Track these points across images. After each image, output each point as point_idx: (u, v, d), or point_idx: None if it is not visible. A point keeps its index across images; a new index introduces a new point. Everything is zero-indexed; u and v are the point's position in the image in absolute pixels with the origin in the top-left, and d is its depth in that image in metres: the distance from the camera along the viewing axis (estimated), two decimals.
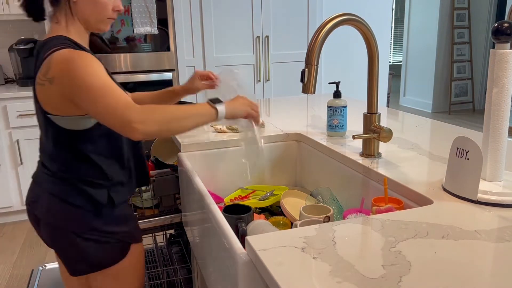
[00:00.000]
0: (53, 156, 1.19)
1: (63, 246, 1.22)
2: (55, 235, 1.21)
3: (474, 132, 1.46)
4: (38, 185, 1.24)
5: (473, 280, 0.64)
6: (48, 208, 1.20)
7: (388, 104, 4.77)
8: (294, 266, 0.69)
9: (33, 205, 1.24)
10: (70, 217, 1.18)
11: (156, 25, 3.00)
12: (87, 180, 1.19)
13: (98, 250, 1.21)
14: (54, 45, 1.11)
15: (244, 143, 1.33)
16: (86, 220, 1.19)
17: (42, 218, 1.21)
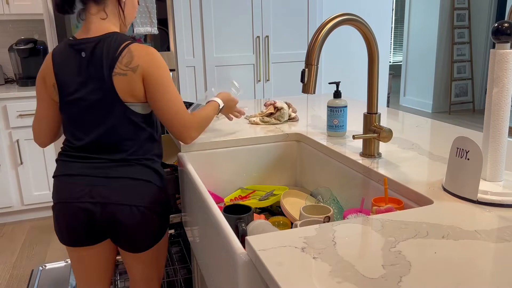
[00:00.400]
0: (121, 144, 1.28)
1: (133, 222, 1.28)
2: (125, 213, 1.26)
3: (474, 132, 1.46)
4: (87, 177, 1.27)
5: (473, 280, 0.64)
6: (115, 189, 1.26)
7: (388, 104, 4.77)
8: (294, 266, 0.69)
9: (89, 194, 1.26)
10: (142, 192, 1.29)
11: (156, 25, 3.00)
12: (153, 158, 1.34)
13: (161, 221, 1.35)
14: (123, 39, 1.24)
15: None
16: (155, 194, 1.32)
17: (107, 201, 1.25)
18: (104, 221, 1.28)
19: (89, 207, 1.26)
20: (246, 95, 3.41)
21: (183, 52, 3.18)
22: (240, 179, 1.55)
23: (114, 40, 1.23)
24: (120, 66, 1.21)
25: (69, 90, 1.26)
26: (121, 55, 1.21)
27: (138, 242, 1.32)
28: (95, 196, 1.26)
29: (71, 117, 1.29)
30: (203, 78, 3.26)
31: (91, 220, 1.28)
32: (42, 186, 3.12)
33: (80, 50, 1.24)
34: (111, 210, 1.26)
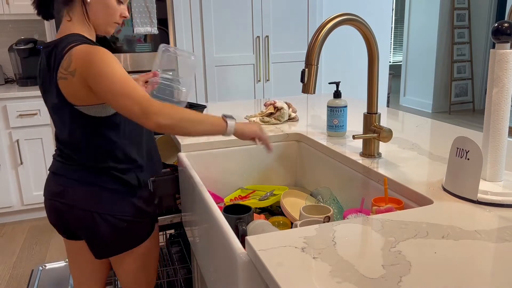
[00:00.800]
0: (81, 147, 1.25)
1: (97, 229, 1.27)
2: (89, 219, 1.26)
3: (474, 132, 1.46)
4: (62, 176, 1.29)
5: (473, 280, 0.64)
6: (80, 194, 1.26)
7: (388, 104, 4.77)
8: (294, 266, 0.69)
9: (60, 195, 1.28)
10: (105, 199, 1.26)
11: (156, 25, 2.99)
12: (115, 165, 1.27)
13: (131, 230, 1.30)
14: (72, 41, 1.19)
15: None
16: (120, 202, 1.28)
17: (74, 204, 1.26)
18: (70, 223, 1.29)
19: (59, 206, 1.28)
20: (246, 95, 3.41)
21: None
22: (240, 179, 1.55)
23: (65, 43, 1.19)
24: (61, 70, 1.17)
25: (43, 93, 1.29)
26: (63, 59, 1.17)
27: (101, 248, 1.30)
28: (65, 197, 1.27)
29: (51, 117, 1.32)
30: (203, 78, 3.26)
31: (62, 218, 1.30)
32: (42, 186, 3.12)
33: (45, 53, 1.24)
34: (77, 214, 1.26)
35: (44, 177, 3.11)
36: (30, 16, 3.11)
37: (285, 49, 3.43)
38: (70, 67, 1.16)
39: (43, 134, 3.04)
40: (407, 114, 1.81)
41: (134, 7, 2.93)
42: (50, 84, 1.22)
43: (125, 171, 1.29)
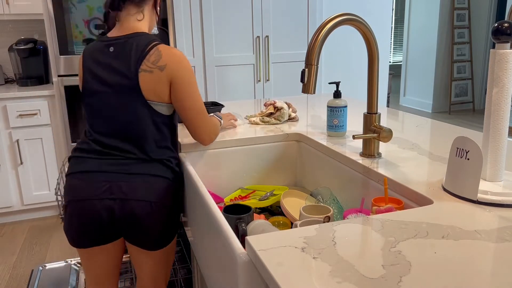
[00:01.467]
0: (134, 138, 1.29)
1: (155, 218, 1.28)
2: (147, 209, 1.27)
3: (474, 132, 1.46)
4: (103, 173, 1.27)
5: (473, 280, 0.64)
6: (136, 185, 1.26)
7: (388, 104, 4.77)
8: (294, 266, 0.69)
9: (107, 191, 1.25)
10: (161, 189, 1.30)
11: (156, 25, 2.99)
12: (171, 158, 1.34)
13: (176, 221, 1.38)
14: (153, 39, 1.29)
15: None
16: (170, 191, 1.33)
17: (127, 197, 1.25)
18: (122, 218, 1.27)
19: (108, 203, 1.25)
20: (246, 95, 3.41)
21: (183, 52, 3.17)
22: (240, 179, 1.55)
23: (144, 38, 1.27)
24: (147, 63, 1.24)
25: (94, 83, 1.29)
26: (149, 53, 1.25)
27: (154, 240, 1.32)
28: (115, 192, 1.25)
29: (92, 108, 1.31)
30: (203, 78, 3.26)
31: (110, 217, 1.27)
32: (42, 186, 3.12)
33: (109, 45, 1.29)
34: (131, 206, 1.25)
35: (44, 177, 3.11)
36: (30, 16, 3.11)
37: (285, 49, 3.43)
38: (159, 62, 1.24)
39: (43, 134, 3.04)
40: (407, 114, 1.81)
41: None
42: (119, 74, 1.25)
43: (173, 161, 1.35)
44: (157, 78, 1.24)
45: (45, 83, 3.28)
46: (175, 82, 1.26)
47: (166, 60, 1.25)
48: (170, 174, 1.33)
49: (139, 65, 1.23)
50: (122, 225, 1.29)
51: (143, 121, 1.27)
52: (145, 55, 1.24)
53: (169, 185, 1.31)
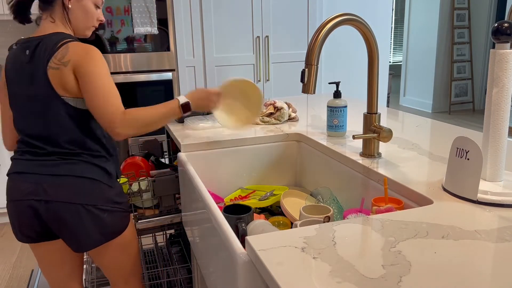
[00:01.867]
0: (58, 138, 1.28)
1: (81, 221, 1.28)
2: (72, 212, 1.27)
3: (474, 132, 1.46)
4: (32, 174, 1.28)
5: (473, 280, 0.64)
6: (59, 188, 1.26)
7: (388, 104, 4.77)
8: (294, 266, 0.69)
9: (34, 193, 1.26)
10: (86, 190, 1.28)
11: (156, 25, 2.99)
12: (97, 155, 1.32)
13: (112, 220, 1.33)
14: (66, 37, 1.27)
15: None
16: (102, 192, 1.30)
17: (52, 199, 1.25)
18: (49, 219, 1.28)
19: (33, 204, 1.27)
20: None
21: (183, 52, 3.18)
22: (240, 179, 1.55)
23: (55, 38, 1.27)
24: (54, 61, 1.24)
25: (14, 86, 1.31)
26: (58, 51, 1.24)
27: (83, 240, 1.31)
28: (40, 194, 1.26)
29: (17, 111, 1.32)
30: (203, 78, 3.26)
31: (37, 218, 1.29)
32: None
33: (25, 48, 1.29)
34: (55, 208, 1.26)
35: None
36: None
37: (285, 49, 3.43)
38: (64, 58, 1.23)
39: None
40: (407, 114, 1.81)
41: (134, 7, 2.93)
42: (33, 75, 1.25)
43: (103, 161, 1.33)
44: (63, 73, 1.23)
45: None
46: (77, 75, 1.24)
47: (71, 56, 1.23)
48: (96, 174, 1.31)
49: (47, 63, 1.24)
50: (50, 226, 1.30)
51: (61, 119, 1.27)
52: (53, 53, 1.24)
53: (95, 186, 1.30)
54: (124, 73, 3.03)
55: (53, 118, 1.27)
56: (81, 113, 1.29)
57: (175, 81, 3.17)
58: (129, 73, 3.04)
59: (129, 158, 1.76)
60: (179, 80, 3.19)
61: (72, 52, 1.24)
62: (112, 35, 2.96)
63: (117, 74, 2.99)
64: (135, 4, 2.92)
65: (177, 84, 3.19)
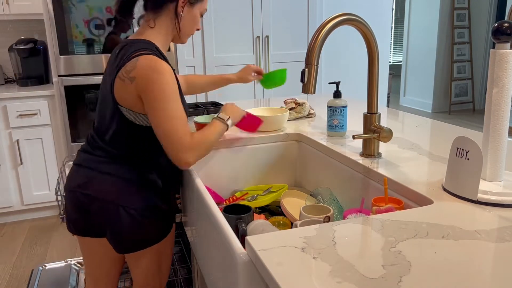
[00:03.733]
0: (116, 140, 1.28)
1: (121, 223, 1.27)
2: (113, 212, 1.26)
3: (474, 132, 1.46)
4: (87, 168, 1.29)
5: (473, 280, 0.64)
6: (106, 185, 1.27)
7: (388, 104, 4.76)
8: (294, 266, 0.69)
9: (83, 186, 1.28)
10: (130, 193, 1.27)
11: None
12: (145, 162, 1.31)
13: (154, 226, 1.32)
14: (143, 48, 1.23)
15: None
16: (148, 198, 1.30)
17: (98, 195, 1.26)
18: (94, 216, 1.29)
19: (80, 198, 1.28)
20: (246, 95, 3.41)
21: (183, 52, 3.18)
22: (240, 179, 1.55)
23: (136, 46, 1.24)
24: (123, 71, 1.22)
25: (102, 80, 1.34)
26: (129, 61, 1.21)
27: (124, 242, 1.31)
28: (89, 188, 1.27)
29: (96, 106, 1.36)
30: None
31: (83, 211, 1.29)
32: (42, 186, 3.12)
33: (117, 48, 1.31)
34: (100, 206, 1.27)
35: (44, 177, 3.11)
36: (30, 16, 3.11)
37: (285, 49, 3.43)
38: (131, 73, 1.20)
39: (43, 134, 3.04)
40: (407, 114, 1.81)
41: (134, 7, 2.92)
42: (109, 77, 1.27)
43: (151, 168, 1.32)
44: (127, 87, 1.22)
45: (45, 83, 3.28)
46: (143, 97, 1.21)
47: (138, 73, 1.19)
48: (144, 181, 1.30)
49: (118, 71, 1.23)
50: (94, 222, 1.30)
51: (116, 123, 1.27)
52: (125, 63, 1.22)
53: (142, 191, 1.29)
54: None
55: (110, 120, 1.28)
56: (136, 127, 1.27)
57: None
58: None
59: None
60: None
61: (139, 69, 1.19)
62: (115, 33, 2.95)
63: None
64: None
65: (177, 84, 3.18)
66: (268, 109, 1.72)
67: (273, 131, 1.59)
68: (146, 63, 1.19)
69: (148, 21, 1.30)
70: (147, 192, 1.30)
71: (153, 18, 1.29)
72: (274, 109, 1.71)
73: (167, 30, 1.31)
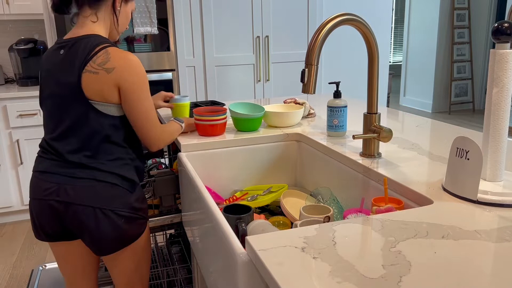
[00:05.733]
0: (83, 141, 1.28)
1: (99, 225, 1.27)
2: (90, 215, 1.26)
3: (474, 132, 1.46)
4: (54, 174, 1.28)
5: (473, 280, 0.64)
6: (79, 190, 1.26)
7: (388, 104, 4.76)
8: (294, 266, 0.69)
9: (54, 193, 1.26)
10: (107, 195, 1.27)
11: (156, 25, 2.99)
12: (119, 160, 1.32)
13: (130, 225, 1.33)
14: (103, 41, 1.26)
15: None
16: (122, 197, 1.30)
17: (72, 201, 1.25)
18: (69, 221, 1.28)
19: (54, 205, 1.27)
20: (246, 95, 3.41)
21: (183, 52, 3.18)
22: (240, 179, 1.55)
23: (93, 40, 1.26)
24: (93, 65, 1.22)
25: (47, 85, 1.31)
26: (97, 55, 1.23)
27: (102, 244, 1.30)
28: (61, 195, 1.26)
29: (46, 111, 1.32)
30: (203, 78, 3.26)
31: (57, 218, 1.29)
32: None
33: (60, 48, 1.28)
34: (75, 211, 1.26)
35: None
36: (30, 16, 3.11)
37: (285, 49, 3.43)
38: (106, 64, 1.23)
39: (43, 134, 3.04)
40: (407, 114, 1.81)
41: None
42: (64, 75, 1.25)
43: (125, 165, 1.33)
44: (103, 80, 1.22)
45: None
46: (124, 87, 1.25)
47: (115, 64, 1.23)
48: (117, 179, 1.30)
49: (84, 66, 1.22)
50: (70, 227, 1.30)
51: (85, 122, 1.26)
52: (92, 57, 1.23)
53: (115, 190, 1.29)
54: None
55: (77, 121, 1.26)
56: (107, 119, 1.28)
57: (175, 81, 3.17)
58: None
59: None
60: (179, 80, 3.19)
61: (115, 60, 1.23)
62: None
63: None
64: (135, 4, 2.91)
65: (177, 84, 3.19)
66: (283, 106, 1.77)
67: (275, 130, 1.59)
68: (119, 54, 1.24)
69: (88, 16, 1.30)
70: (123, 191, 1.30)
71: (93, 12, 1.30)
72: (290, 106, 1.77)
73: (107, 24, 1.34)
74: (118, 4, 1.32)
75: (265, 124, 1.69)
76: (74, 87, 1.23)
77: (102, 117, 1.26)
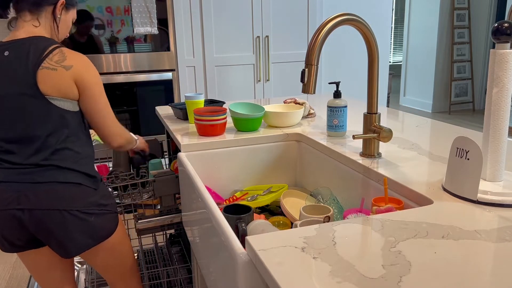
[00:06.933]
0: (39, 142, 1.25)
1: (65, 227, 1.26)
2: (56, 218, 1.24)
3: (474, 132, 1.46)
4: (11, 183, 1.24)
5: (473, 280, 0.64)
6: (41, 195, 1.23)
7: (388, 104, 4.76)
8: (294, 266, 0.69)
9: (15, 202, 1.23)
10: (71, 196, 1.26)
11: (156, 25, 2.99)
12: (79, 157, 1.31)
13: (100, 222, 1.32)
14: (53, 42, 1.28)
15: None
16: (87, 197, 1.29)
17: (35, 207, 1.23)
18: (34, 228, 1.26)
19: (16, 214, 1.24)
20: (246, 95, 3.41)
21: (183, 52, 3.18)
22: (240, 179, 1.55)
23: (43, 40, 1.27)
24: (50, 62, 1.23)
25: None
26: (52, 53, 1.24)
27: (70, 247, 1.29)
28: (22, 202, 1.23)
29: None
30: (203, 78, 3.26)
31: (22, 227, 1.26)
32: None
33: (3, 50, 1.26)
34: (39, 216, 1.23)
35: None
36: None
37: (285, 49, 3.43)
38: (64, 62, 1.25)
39: None
40: (407, 114, 1.81)
41: (134, 7, 2.92)
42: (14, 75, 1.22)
43: (86, 163, 1.33)
44: (62, 75, 1.24)
45: None
46: (84, 83, 1.27)
47: (73, 62, 1.26)
48: (80, 178, 1.29)
49: (40, 63, 1.22)
50: (36, 234, 1.28)
51: (41, 119, 1.24)
52: (47, 55, 1.23)
53: (79, 190, 1.28)
54: (124, 73, 3.03)
55: (32, 120, 1.23)
56: (67, 114, 1.27)
57: (175, 81, 3.17)
58: (129, 73, 3.04)
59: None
60: (179, 80, 3.19)
61: (72, 59, 1.25)
62: (112, 35, 2.95)
63: (117, 74, 2.99)
64: (135, 4, 2.92)
65: (177, 84, 3.19)
66: (283, 106, 1.78)
67: (275, 130, 1.59)
68: (74, 54, 1.28)
69: (29, 21, 1.30)
70: (87, 190, 1.29)
71: (34, 17, 1.30)
72: (290, 106, 1.78)
73: (48, 30, 1.34)
74: (58, 12, 1.33)
75: (265, 124, 1.69)
76: (29, 84, 1.22)
77: (60, 112, 1.26)
